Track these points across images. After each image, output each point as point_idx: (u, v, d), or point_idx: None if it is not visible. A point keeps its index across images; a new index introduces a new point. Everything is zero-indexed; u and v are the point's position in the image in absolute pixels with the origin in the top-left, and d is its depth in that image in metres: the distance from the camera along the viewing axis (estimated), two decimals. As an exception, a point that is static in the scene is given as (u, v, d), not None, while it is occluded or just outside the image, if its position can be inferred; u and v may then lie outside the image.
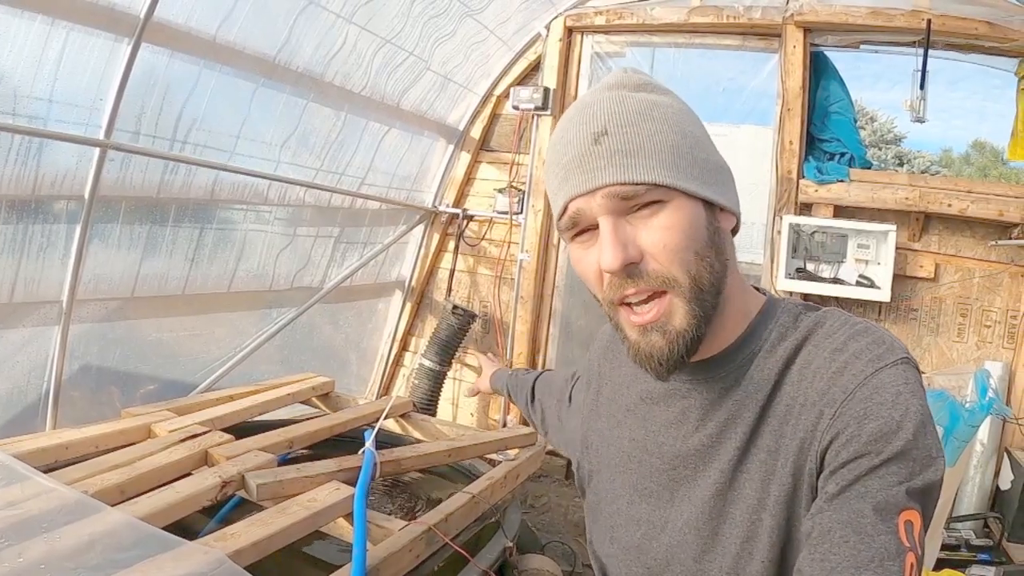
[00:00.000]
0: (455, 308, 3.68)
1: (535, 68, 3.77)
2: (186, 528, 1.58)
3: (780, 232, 3.17)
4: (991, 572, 2.37)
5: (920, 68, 2.93)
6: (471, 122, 3.92)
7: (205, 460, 1.80)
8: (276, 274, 3.13)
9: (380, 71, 3.14)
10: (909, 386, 0.64)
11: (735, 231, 0.77)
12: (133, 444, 1.83)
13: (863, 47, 3.20)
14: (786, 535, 0.67)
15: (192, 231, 2.66)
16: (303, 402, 2.61)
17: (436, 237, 4.04)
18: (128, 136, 2.24)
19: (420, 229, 4.00)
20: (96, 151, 2.14)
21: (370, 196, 3.46)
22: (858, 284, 3.09)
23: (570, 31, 3.64)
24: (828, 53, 3.28)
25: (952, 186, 3.06)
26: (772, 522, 0.67)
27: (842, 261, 3.14)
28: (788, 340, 0.72)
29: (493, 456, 2.33)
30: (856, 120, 3.33)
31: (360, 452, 1.88)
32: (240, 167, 2.67)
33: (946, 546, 2.45)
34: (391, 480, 2.24)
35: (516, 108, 3.64)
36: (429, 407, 3.65)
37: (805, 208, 3.21)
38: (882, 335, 0.69)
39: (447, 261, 4.05)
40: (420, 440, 2.47)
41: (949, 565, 2.33)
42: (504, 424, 3.76)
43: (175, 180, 2.47)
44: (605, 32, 3.64)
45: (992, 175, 12.55)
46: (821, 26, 3.15)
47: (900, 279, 3.07)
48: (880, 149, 15.33)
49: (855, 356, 0.66)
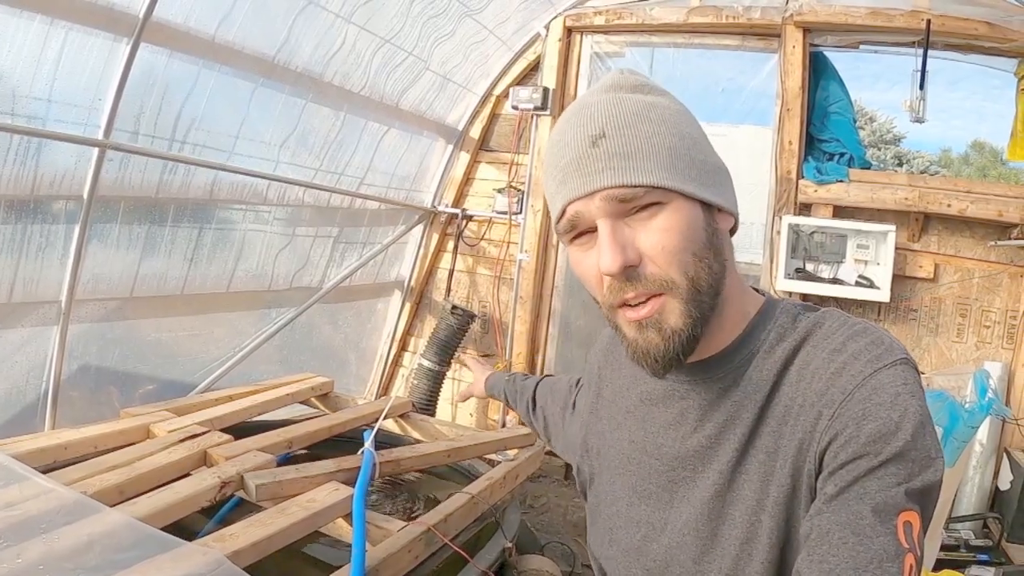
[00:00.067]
0: (454, 308, 3.68)
1: (534, 68, 3.76)
2: (185, 528, 1.57)
3: (779, 232, 3.16)
4: (990, 572, 2.37)
5: (919, 68, 2.93)
6: (470, 122, 3.92)
7: (204, 460, 1.80)
8: (275, 274, 3.13)
9: (379, 71, 3.14)
10: (908, 387, 0.64)
11: (733, 231, 0.77)
12: (132, 444, 1.83)
13: (862, 47, 3.20)
14: (785, 536, 0.67)
15: (191, 231, 2.66)
16: (302, 402, 2.62)
17: (435, 237, 4.04)
18: (127, 136, 2.24)
19: (419, 229, 4.00)
20: (95, 151, 2.14)
21: (369, 196, 3.45)
22: (857, 284, 3.09)
23: (569, 31, 3.64)
24: (827, 53, 3.28)
25: (951, 186, 3.06)
26: (771, 523, 0.67)
27: (841, 261, 3.14)
28: (787, 341, 0.72)
29: (492, 456, 2.33)
30: (855, 120, 3.33)
31: (359, 452, 1.88)
32: (239, 167, 2.67)
33: (945, 546, 2.45)
34: (390, 480, 2.24)
35: (515, 108, 3.64)
36: (428, 407, 3.65)
37: (804, 208, 3.21)
38: (881, 335, 0.68)
39: (446, 261, 4.04)
40: (419, 440, 2.47)
41: (948, 565, 2.32)
42: (503, 424, 3.76)
43: (174, 180, 2.47)
44: (604, 32, 3.64)
45: (991, 175, 12.55)
46: (820, 26, 3.15)
47: (899, 279, 3.07)
48: (879, 149, 15.33)
49: (854, 357, 0.66)
